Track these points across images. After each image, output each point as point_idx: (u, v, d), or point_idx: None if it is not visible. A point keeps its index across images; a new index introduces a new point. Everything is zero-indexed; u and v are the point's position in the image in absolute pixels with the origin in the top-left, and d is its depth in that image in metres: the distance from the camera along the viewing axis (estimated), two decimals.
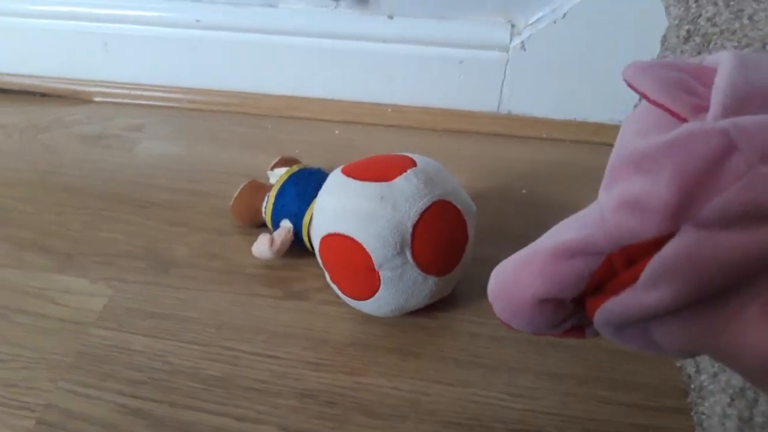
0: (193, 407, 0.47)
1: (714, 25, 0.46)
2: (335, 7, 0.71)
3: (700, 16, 0.48)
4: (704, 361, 0.46)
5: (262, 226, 0.60)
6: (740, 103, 0.23)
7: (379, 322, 0.53)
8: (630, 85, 0.27)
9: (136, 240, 0.61)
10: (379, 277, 0.47)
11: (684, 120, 0.24)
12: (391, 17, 0.70)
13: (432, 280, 0.48)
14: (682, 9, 0.50)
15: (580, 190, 0.66)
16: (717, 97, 0.24)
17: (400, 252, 0.46)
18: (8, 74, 0.82)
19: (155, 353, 0.51)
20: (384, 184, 0.47)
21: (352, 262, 0.47)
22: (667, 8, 0.54)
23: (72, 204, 0.66)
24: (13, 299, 0.56)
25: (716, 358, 0.25)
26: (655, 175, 0.23)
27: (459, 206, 0.49)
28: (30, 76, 0.82)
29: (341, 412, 0.47)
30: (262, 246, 0.55)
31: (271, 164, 0.62)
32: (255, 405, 0.48)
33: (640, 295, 0.24)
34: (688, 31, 0.49)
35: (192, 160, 0.72)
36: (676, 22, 0.51)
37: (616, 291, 0.26)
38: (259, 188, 0.59)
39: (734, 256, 0.22)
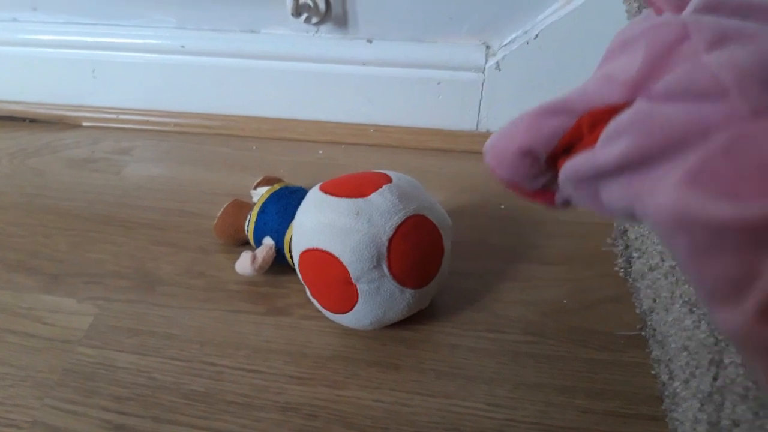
0: (176, 422, 0.48)
1: None
2: (316, 32, 0.73)
3: None
4: (677, 368, 0.47)
5: (245, 244, 0.61)
6: (711, 7, 0.28)
7: (359, 336, 0.54)
8: None
9: (123, 260, 0.62)
10: (356, 290, 0.48)
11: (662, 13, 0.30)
12: (370, 41, 0.73)
13: (409, 292, 0.49)
14: None
15: None
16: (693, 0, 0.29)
17: (377, 265, 0.47)
18: None
19: (139, 370, 0.52)
20: (360, 199, 0.48)
21: (330, 276, 0.48)
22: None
23: (60, 226, 0.67)
24: (3, 320, 0.57)
25: (646, 220, 0.29)
26: (630, 53, 0.29)
27: (434, 220, 0.50)
28: (19, 103, 0.83)
29: (323, 424, 0.48)
30: (245, 263, 0.56)
31: (254, 183, 0.64)
32: (237, 419, 0.48)
33: (595, 154, 0.30)
34: None
35: (178, 181, 0.73)
36: None
37: (578, 152, 0.31)
38: (241, 207, 0.61)
39: (671, 124, 0.26)
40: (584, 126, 0.31)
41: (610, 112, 0.29)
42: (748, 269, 0.23)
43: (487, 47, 0.72)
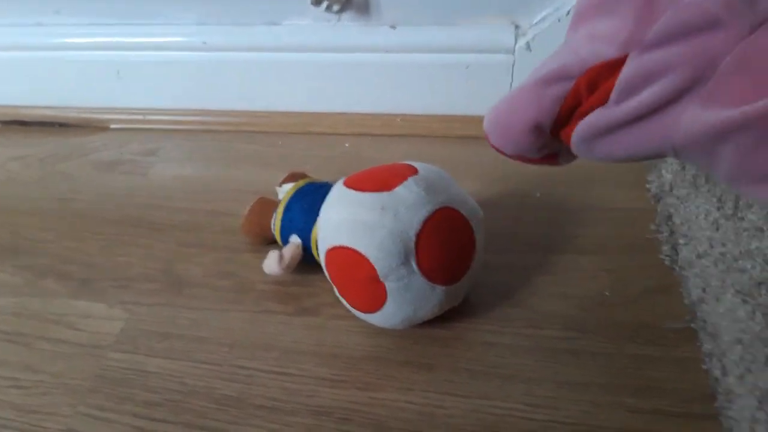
0: (207, 428, 0.47)
1: None
2: (338, 21, 0.71)
3: None
4: (730, 363, 0.44)
5: (273, 242, 0.60)
6: None
7: (390, 335, 0.52)
8: None
9: (151, 262, 0.62)
10: (385, 288, 0.46)
11: None
12: (393, 27, 0.70)
13: (440, 289, 0.47)
14: None
15: (594, 191, 0.65)
16: None
17: (405, 262, 0.45)
18: (27, 107, 0.85)
19: (170, 374, 0.51)
20: (384, 193, 0.46)
21: (356, 275, 0.46)
22: None
23: (89, 230, 0.67)
24: (35, 326, 0.57)
25: (673, 152, 0.32)
26: (610, 14, 0.31)
27: (464, 213, 0.48)
28: (48, 108, 0.84)
29: (356, 428, 0.46)
30: (272, 262, 0.55)
31: (280, 180, 0.62)
32: (269, 423, 0.47)
33: (611, 111, 0.32)
34: None
35: (205, 180, 0.73)
36: None
37: (585, 115, 0.33)
38: (267, 205, 0.59)
39: (672, 65, 0.29)
40: (582, 87, 0.33)
41: (607, 67, 0.32)
42: None
43: (517, 27, 0.68)
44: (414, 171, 0.48)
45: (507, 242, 0.59)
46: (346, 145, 0.76)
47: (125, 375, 0.52)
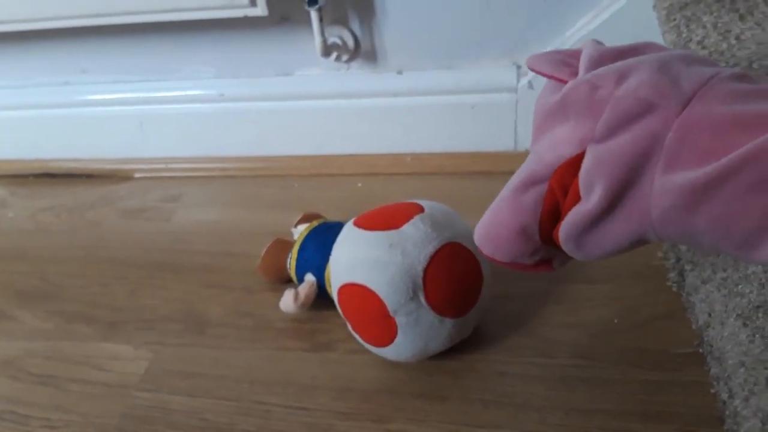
0: None
1: (704, 47, 0.47)
2: (347, 69, 0.75)
3: (690, 40, 0.48)
4: (736, 385, 0.44)
5: (289, 281, 0.62)
6: (595, 63, 0.35)
7: (403, 368, 0.53)
8: (532, 69, 0.39)
9: (174, 304, 0.65)
10: (395, 322, 0.48)
11: (566, 82, 0.36)
12: (400, 72, 0.74)
13: (449, 322, 0.49)
14: (675, 35, 0.51)
15: None
16: (582, 63, 0.36)
17: (414, 297, 0.47)
18: (55, 159, 0.89)
19: (193, 411, 0.53)
20: (392, 231, 0.48)
21: (367, 310, 0.48)
22: (663, 35, 0.55)
23: (115, 275, 0.70)
24: (65, 368, 0.59)
25: (657, 236, 0.34)
26: (564, 121, 0.36)
27: (470, 247, 0.50)
28: (75, 160, 0.88)
29: None
30: (288, 301, 0.57)
31: (295, 221, 0.65)
32: None
33: (583, 206, 0.34)
34: None
35: (225, 224, 0.76)
36: (671, 47, 0.52)
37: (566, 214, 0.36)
38: (283, 246, 0.62)
39: (622, 151, 0.32)
40: (555, 188, 0.36)
41: (571, 164, 0.35)
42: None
43: (518, 67, 0.71)
44: (420, 209, 0.50)
45: (515, 273, 0.60)
46: (359, 185, 0.78)
47: (150, 413, 0.54)
